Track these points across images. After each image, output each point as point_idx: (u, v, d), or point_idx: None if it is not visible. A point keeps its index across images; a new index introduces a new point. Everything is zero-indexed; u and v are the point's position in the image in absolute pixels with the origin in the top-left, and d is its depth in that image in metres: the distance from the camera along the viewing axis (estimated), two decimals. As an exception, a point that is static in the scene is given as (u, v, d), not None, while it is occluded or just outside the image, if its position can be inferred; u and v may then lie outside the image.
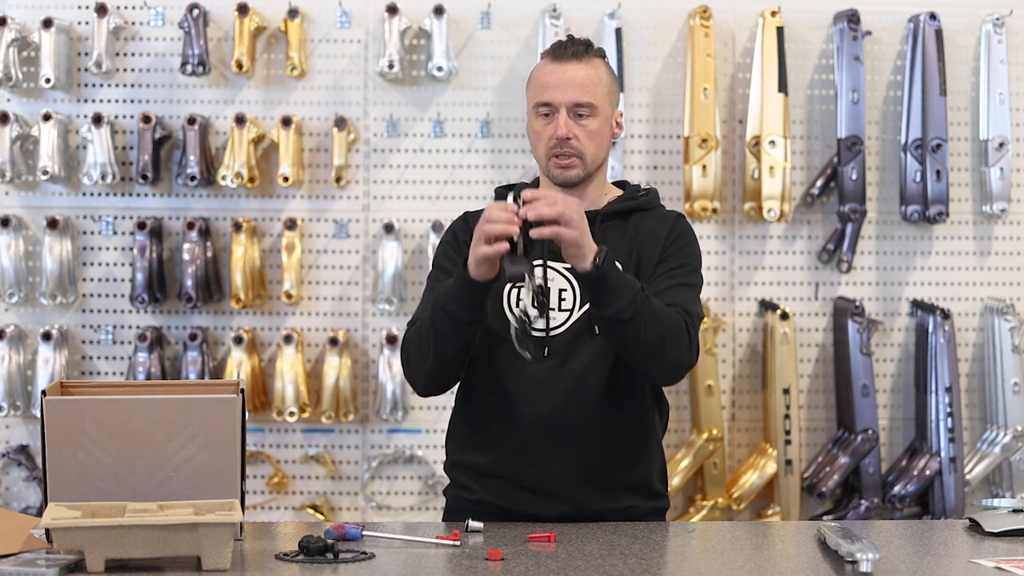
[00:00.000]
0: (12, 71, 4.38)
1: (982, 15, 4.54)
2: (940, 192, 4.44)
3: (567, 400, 2.75)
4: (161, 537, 2.25)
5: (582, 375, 2.75)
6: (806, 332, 4.56)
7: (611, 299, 2.63)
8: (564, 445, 2.75)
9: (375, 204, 4.52)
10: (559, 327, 2.77)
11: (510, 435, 2.78)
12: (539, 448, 2.75)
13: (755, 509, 4.50)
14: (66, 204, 4.49)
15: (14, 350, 4.36)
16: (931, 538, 2.64)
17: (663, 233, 2.83)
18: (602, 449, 2.77)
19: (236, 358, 4.35)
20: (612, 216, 2.83)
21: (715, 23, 4.47)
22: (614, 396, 2.77)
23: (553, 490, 2.75)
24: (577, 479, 2.76)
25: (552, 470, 2.75)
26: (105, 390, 2.73)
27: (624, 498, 2.79)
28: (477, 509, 2.75)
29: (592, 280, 2.64)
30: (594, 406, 2.75)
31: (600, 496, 2.77)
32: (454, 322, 2.69)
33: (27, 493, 4.45)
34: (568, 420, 2.75)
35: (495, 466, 2.79)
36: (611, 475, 2.78)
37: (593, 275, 2.63)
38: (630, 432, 2.80)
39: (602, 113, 2.80)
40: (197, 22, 4.37)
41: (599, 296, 2.65)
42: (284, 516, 4.47)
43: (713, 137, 4.40)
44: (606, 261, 2.62)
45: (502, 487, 2.78)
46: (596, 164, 2.82)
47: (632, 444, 2.80)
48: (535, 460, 2.76)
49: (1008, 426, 4.45)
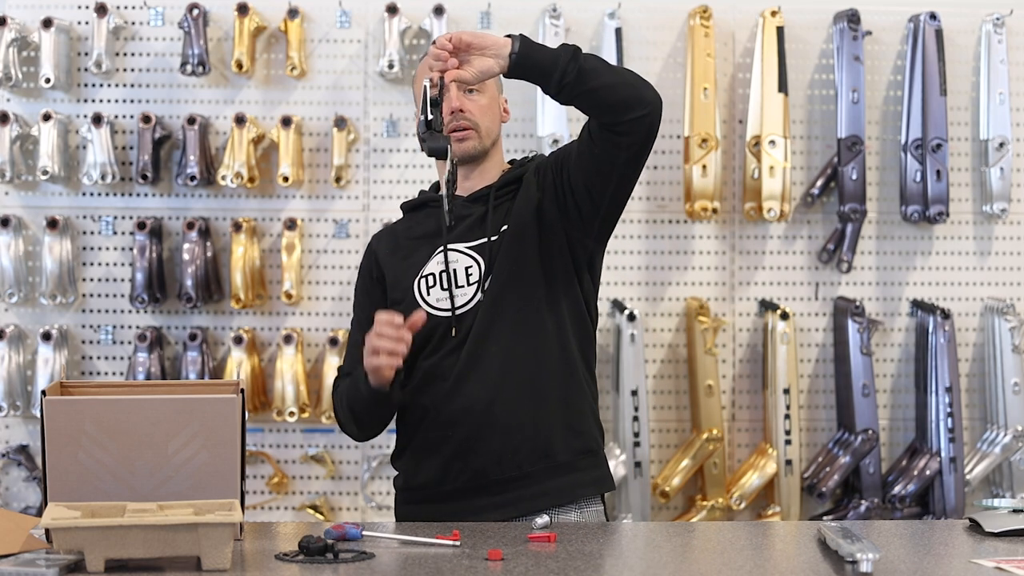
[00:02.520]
0: (12, 71, 4.38)
1: (982, 15, 4.54)
2: (940, 192, 4.44)
3: (477, 359, 2.78)
4: (161, 537, 2.25)
5: (489, 333, 2.79)
6: (806, 332, 4.56)
7: (547, 68, 2.66)
8: (480, 400, 2.79)
9: (375, 204, 4.52)
10: (468, 303, 2.82)
11: (431, 408, 2.83)
12: (454, 409, 2.80)
13: (755, 509, 4.50)
14: (66, 204, 4.49)
15: (14, 350, 4.36)
16: (931, 538, 2.64)
17: (532, 174, 2.89)
18: (521, 396, 2.79)
19: (236, 358, 4.35)
20: (505, 187, 2.89)
21: (715, 23, 4.47)
22: (531, 362, 2.80)
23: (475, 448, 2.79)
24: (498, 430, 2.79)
25: (470, 427, 2.79)
26: (105, 390, 2.73)
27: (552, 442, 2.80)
28: (414, 500, 2.86)
29: (519, 67, 2.66)
30: (505, 358, 2.79)
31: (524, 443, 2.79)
32: (369, 405, 2.83)
33: (27, 493, 4.45)
34: (481, 375, 2.79)
35: (420, 442, 2.86)
36: (534, 419, 2.80)
37: (517, 62, 2.65)
38: (549, 377, 2.82)
39: (488, 91, 2.90)
40: (197, 22, 4.37)
41: (539, 74, 2.67)
42: (284, 516, 4.47)
43: (713, 137, 4.40)
44: (519, 43, 2.65)
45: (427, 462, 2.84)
46: (491, 138, 2.91)
47: (554, 387, 2.82)
48: (453, 422, 2.80)
49: (1008, 426, 4.45)
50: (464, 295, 2.82)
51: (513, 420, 2.79)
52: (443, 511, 2.79)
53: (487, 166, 2.92)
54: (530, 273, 2.82)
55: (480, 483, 2.80)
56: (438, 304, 2.83)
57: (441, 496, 2.83)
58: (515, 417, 2.79)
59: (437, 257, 2.86)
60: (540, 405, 2.81)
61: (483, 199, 2.89)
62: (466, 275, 2.83)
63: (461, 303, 2.82)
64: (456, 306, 2.82)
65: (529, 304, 2.81)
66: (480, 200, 2.89)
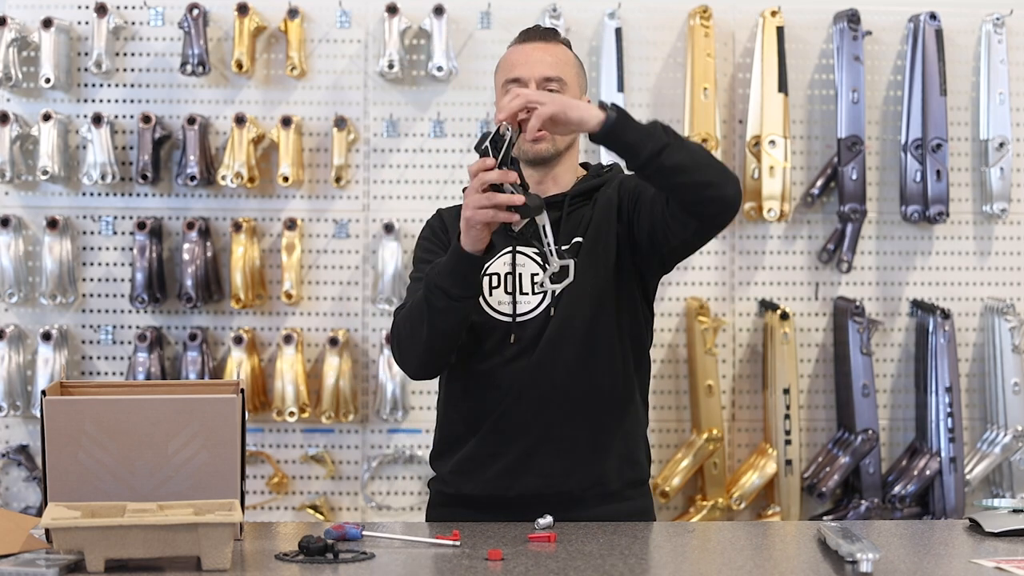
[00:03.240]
0: (12, 71, 4.38)
1: (982, 15, 4.54)
2: (940, 192, 4.44)
3: (540, 380, 2.73)
4: (161, 537, 2.25)
5: (556, 355, 2.73)
6: (806, 332, 4.56)
7: (639, 140, 2.54)
8: (538, 420, 2.74)
9: (375, 204, 4.52)
10: (531, 311, 2.75)
11: (485, 419, 2.77)
12: (512, 426, 2.74)
13: (755, 509, 4.50)
14: (66, 204, 4.49)
15: (14, 350, 4.36)
16: (931, 538, 2.64)
17: (615, 192, 2.80)
18: (581, 422, 2.75)
19: (236, 358, 4.35)
20: (579, 196, 2.80)
21: (715, 23, 4.47)
22: (594, 384, 2.75)
23: (527, 466, 2.74)
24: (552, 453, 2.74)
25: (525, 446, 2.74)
26: (105, 390, 2.73)
27: (605, 471, 2.76)
28: (455, 503, 2.79)
29: (611, 132, 2.55)
30: (569, 382, 2.73)
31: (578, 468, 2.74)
32: (449, 298, 2.65)
33: (27, 493, 4.45)
34: (540, 395, 2.73)
35: (469, 452, 2.79)
36: (591, 446, 2.75)
37: (610, 125, 2.54)
38: (609, 406, 2.77)
39: (571, 91, 2.77)
40: (197, 22, 4.37)
41: (625, 145, 2.56)
42: (284, 516, 4.47)
43: (713, 137, 4.40)
44: (614, 112, 2.53)
45: (475, 474, 2.78)
46: (566, 142, 2.79)
47: (612, 416, 2.78)
48: (508, 439, 2.75)
49: (1008, 426, 4.45)
50: (527, 303, 2.75)
51: (570, 443, 2.74)
52: (481, 520, 2.71)
53: (560, 171, 2.81)
54: (604, 292, 2.75)
55: (528, 501, 2.73)
56: (499, 307, 2.76)
57: (482, 504, 2.76)
58: (573, 441, 2.74)
59: (505, 257, 2.78)
60: (598, 430, 2.76)
61: (556, 205, 2.77)
62: (532, 282, 2.76)
63: (523, 310, 2.75)
64: (517, 313, 2.75)
65: (599, 324, 2.75)
66: (553, 206, 2.75)
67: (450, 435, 2.85)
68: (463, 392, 2.80)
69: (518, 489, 2.75)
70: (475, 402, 2.78)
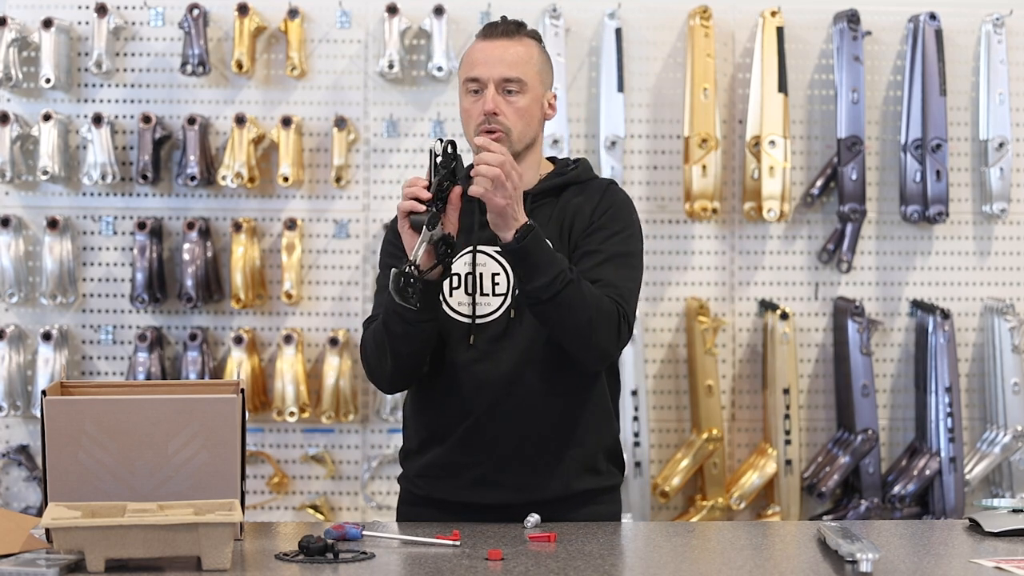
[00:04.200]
0: (12, 71, 4.38)
1: (982, 15, 4.54)
2: (940, 192, 4.44)
3: (508, 389, 2.71)
4: (161, 537, 2.25)
5: (521, 362, 2.71)
6: (806, 332, 4.56)
7: (532, 275, 2.61)
8: (509, 433, 2.73)
9: (375, 204, 4.52)
10: (492, 313, 2.74)
11: (454, 427, 2.76)
12: (483, 438, 2.73)
13: (755, 509, 4.50)
14: (66, 204, 4.49)
15: (14, 350, 4.36)
16: (931, 538, 2.64)
17: (591, 206, 2.79)
18: (548, 433, 2.74)
19: (236, 358, 4.35)
20: (543, 195, 2.79)
21: (715, 23, 4.46)
22: (556, 380, 2.73)
23: (498, 479, 2.73)
24: (523, 465, 2.73)
25: (496, 458, 2.73)
26: (105, 390, 2.73)
27: (573, 481, 2.75)
28: (426, 504, 2.79)
29: (513, 254, 2.62)
30: (536, 393, 2.72)
31: (548, 480, 2.74)
32: (405, 322, 2.67)
33: (27, 493, 4.45)
34: (511, 408, 2.72)
35: (439, 459, 2.78)
36: (559, 457, 2.74)
37: (513, 248, 2.61)
38: (576, 415, 2.76)
39: (531, 91, 2.77)
40: (197, 22, 4.37)
41: (521, 271, 2.63)
42: (284, 516, 4.48)
43: (713, 137, 4.40)
44: (530, 236, 2.59)
45: (445, 481, 2.78)
46: (523, 143, 2.78)
47: (579, 425, 2.76)
48: (478, 450, 2.74)
49: (1008, 426, 4.45)
50: (488, 304, 2.74)
51: (535, 452, 2.73)
52: (451, 519, 2.72)
53: (522, 167, 2.77)
54: None
55: (499, 508, 2.72)
56: (459, 308, 2.75)
57: (455, 509, 2.76)
58: (539, 450, 2.73)
59: (465, 257, 2.77)
60: (564, 441, 2.75)
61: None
62: (492, 283, 2.75)
63: (483, 311, 2.74)
64: (477, 315, 2.74)
65: None
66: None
67: (415, 436, 2.84)
68: (427, 396, 2.80)
69: (489, 499, 2.74)
70: (440, 409, 2.78)
